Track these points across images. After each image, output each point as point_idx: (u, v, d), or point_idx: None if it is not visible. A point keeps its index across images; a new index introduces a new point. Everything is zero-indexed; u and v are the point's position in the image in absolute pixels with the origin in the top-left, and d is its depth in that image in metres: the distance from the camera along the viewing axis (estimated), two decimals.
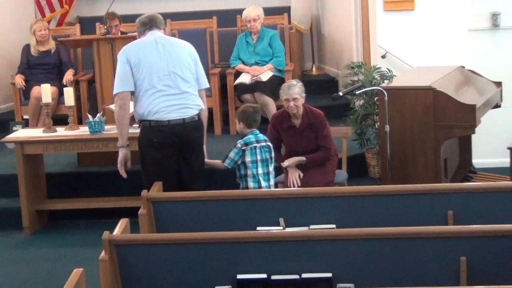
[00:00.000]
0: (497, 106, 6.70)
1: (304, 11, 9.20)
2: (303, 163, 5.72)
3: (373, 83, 6.74)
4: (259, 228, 4.25)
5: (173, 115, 5.17)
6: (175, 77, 5.19)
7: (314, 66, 9.75)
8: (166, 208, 4.55)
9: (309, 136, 5.76)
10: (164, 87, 5.15)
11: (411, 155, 5.82)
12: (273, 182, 5.62)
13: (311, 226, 4.28)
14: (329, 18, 9.45)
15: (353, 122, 7.00)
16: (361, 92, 6.32)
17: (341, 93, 6.16)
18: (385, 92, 5.77)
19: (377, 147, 6.85)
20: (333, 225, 4.28)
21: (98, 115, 6.34)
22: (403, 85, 6.08)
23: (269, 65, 7.88)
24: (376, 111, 6.62)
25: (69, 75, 7.95)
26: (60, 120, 7.21)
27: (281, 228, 4.29)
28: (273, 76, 7.79)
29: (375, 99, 6.70)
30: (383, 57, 7.57)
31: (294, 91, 5.64)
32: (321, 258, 3.78)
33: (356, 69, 7.37)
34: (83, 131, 6.35)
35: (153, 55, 5.17)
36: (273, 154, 5.59)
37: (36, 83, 7.70)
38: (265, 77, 7.74)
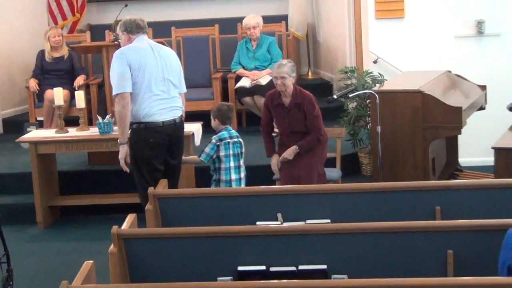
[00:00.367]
0: (482, 108, 6.70)
1: (300, 19, 9.20)
2: (297, 150, 5.60)
3: (365, 87, 6.74)
4: (258, 223, 4.24)
5: (166, 117, 5.23)
6: (168, 83, 5.25)
7: (310, 71, 9.74)
8: (171, 204, 4.55)
9: (296, 116, 5.62)
10: (159, 91, 5.19)
11: (401, 154, 5.82)
12: (244, 175, 5.67)
13: (307, 221, 4.28)
14: (324, 25, 9.45)
15: (347, 123, 7.01)
16: (354, 95, 6.33)
17: (335, 96, 6.16)
18: (376, 95, 5.77)
19: (369, 147, 6.85)
20: (328, 220, 4.29)
21: (107, 116, 6.32)
22: (393, 88, 6.08)
23: (267, 70, 7.88)
24: (368, 113, 6.62)
25: (80, 80, 7.95)
26: (72, 122, 7.20)
27: (279, 223, 4.29)
28: (271, 80, 7.79)
29: (367, 101, 6.70)
30: (375, 62, 7.56)
31: (282, 70, 5.54)
32: (316, 251, 3.78)
33: (350, 73, 7.38)
34: (93, 131, 6.35)
35: (151, 61, 5.17)
36: (243, 150, 5.66)
37: (49, 87, 7.69)
38: (264, 81, 7.75)
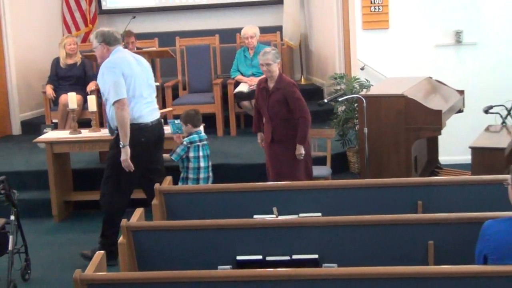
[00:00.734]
0: (460, 111, 6.70)
1: (294, 29, 9.20)
2: (301, 144, 5.52)
3: (353, 92, 6.74)
4: (255, 216, 4.24)
5: (152, 117, 5.29)
6: (150, 87, 5.33)
7: (302, 77, 9.75)
8: (176, 199, 4.55)
9: (275, 99, 5.55)
10: (146, 95, 5.25)
11: (386, 153, 5.82)
12: (211, 174, 5.73)
13: (300, 215, 4.27)
14: (315, 35, 9.46)
15: (336, 125, 7.01)
16: (343, 99, 6.33)
17: (326, 100, 6.17)
18: (363, 99, 5.77)
19: (357, 147, 6.85)
20: (319, 214, 4.28)
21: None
22: (379, 93, 6.08)
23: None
24: (356, 115, 6.62)
25: (92, 85, 7.93)
26: (84, 124, 7.20)
27: (274, 216, 4.28)
28: None
29: (355, 105, 6.70)
30: (362, 69, 7.57)
31: (267, 57, 5.52)
32: (309, 242, 3.78)
33: (339, 79, 7.38)
34: (104, 133, 6.33)
35: (137, 69, 5.20)
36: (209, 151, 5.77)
37: (63, 92, 7.69)
38: None
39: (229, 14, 9.96)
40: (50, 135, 6.58)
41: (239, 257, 3.78)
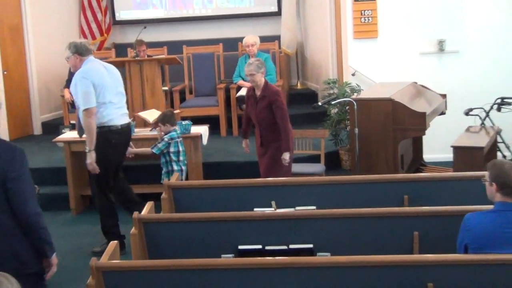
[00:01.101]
0: (442, 113, 6.69)
1: (290, 38, 9.19)
2: (286, 151, 5.39)
3: (345, 95, 6.74)
4: (255, 209, 4.24)
5: (122, 121, 5.27)
6: (120, 94, 5.29)
7: (298, 82, 9.73)
8: (183, 194, 4.54)
9: (262, 106, 5.45)
10: (116, 101, 5.21)
11: (375, 152, 5.81)
12: (185, 168, 5.78)
13: (297, 208, 4.27)
14: (310, 44, 9.45)
15: (329, 126, 7.01)
16: (335, 103, 6.32)
17: (320, 103, 6.16)
18: (354, 103, 5.76)
19: (348, 146, 6.85)
20: (314, 207, 4.28)
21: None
22: (368, 97, 6.07)
23: None
24: (347, 117, 6.62)
25: None
26: None
27: (273, 209, 4.28)
28: None
29: (346, 108, 6.69)
30: (353, 75, 7.56)
31: (250, 68, 5.42)
32: (304, 232, 3.78)
33: (332, 84, 7.38)
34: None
35: (107, 78, 5.15)
36: None
37: None
38: None
39: (232, 24, 9.95)
40: (68, 135, 6.58)
41: (240, 247, 3.78)
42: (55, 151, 7.34)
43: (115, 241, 3.50)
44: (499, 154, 6.71)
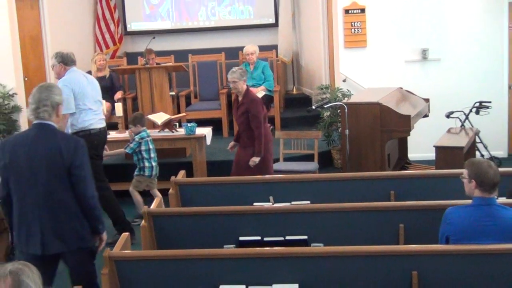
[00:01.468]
0: (426, 116, 6.70)
1: (287, 47, 9.18)
2: (257, 155, 5.31)
3: (336, 100, 6.74)
4: (255, 204, 4.24)
5: (100, 125, 5.25)
6: (98, 102, 5.26)
7: (294, 87, 9.73)
8: (188, 189, 4.54)
9: (240, 112, 5.41)
10: (95, 108, 5.18)
11: (364, 151, 5.81)
12: (156, 164, 5.80)
13: (293, 202, 4.27)
14: (305, 52, 9.45)
15: (322, 127, 7.01)
16: (328, 106, 6.33)
17: (313, 107, 6.16)
18: (345, 106, 5.77)
19: (339, 146, 6.85)
20: (308, 202, 4.28)
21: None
22: (358, 101, 6.07)
23: (262, 87, 7.87)
24: (339, 119, 6.63)
25: (119, 95, 7.93)
26: (112, 126, 7.18)
27: (271, 204, 4.28)
28: (265, 95, 7.79)
29: (338, 111, 6.69)
30: (344, 81, 7.56)
31: (233, 76, 5.35)
32: (299, 225, 3.78)
33: (325, 89, 7.39)
34: (127, 134, 6.32)
35: (87, 87, 5.12)
36: None
37: None
38: (260, 95, 7.71)
39: (233, 35, 9.95)
40: None
41: (241, 238, 3.78)
42: None
43: (127, 233, 3.50)
44: (477, 154, 6.72)
